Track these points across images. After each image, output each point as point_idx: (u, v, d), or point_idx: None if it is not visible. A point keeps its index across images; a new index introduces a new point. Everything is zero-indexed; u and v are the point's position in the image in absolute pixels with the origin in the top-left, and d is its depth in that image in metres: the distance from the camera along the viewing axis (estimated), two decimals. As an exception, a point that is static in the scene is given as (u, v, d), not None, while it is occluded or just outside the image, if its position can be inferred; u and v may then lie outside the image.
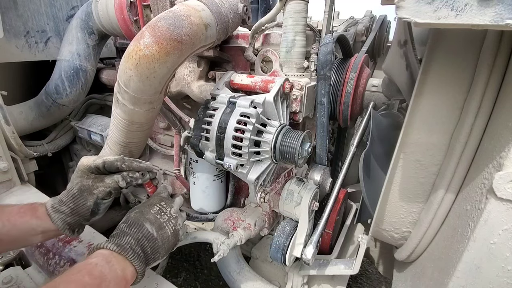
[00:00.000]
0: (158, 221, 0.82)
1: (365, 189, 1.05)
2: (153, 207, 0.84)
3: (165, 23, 0.80)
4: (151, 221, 0.80)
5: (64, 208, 0.81)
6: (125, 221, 0.80)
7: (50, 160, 1.89)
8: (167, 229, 0.83)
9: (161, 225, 0.82)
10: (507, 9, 0.45)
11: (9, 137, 1.32)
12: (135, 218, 0.80)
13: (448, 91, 0.81)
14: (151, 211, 0.83)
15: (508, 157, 0.60)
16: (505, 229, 0.63)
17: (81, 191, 0.83)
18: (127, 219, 0.81)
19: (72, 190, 0.84)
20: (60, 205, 0.82)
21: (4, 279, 0.99)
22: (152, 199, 0.88)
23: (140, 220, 0.80)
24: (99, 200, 0.85)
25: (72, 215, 0.82)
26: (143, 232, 0.78)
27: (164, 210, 0.85)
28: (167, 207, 0.86)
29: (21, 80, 1.73)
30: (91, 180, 0.85)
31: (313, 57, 1.06)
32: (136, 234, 0.77)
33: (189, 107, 1.48)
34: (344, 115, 1.22)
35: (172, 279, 2.03)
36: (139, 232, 0.77)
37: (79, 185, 0.84)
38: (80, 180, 0.85)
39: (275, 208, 1.11)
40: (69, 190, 0.84)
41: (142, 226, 0.78)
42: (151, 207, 0.84)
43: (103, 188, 0.85)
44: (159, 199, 0.88)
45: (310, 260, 0.97)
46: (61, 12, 1.66)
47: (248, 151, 0.87)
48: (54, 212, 0.80)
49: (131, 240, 0.75)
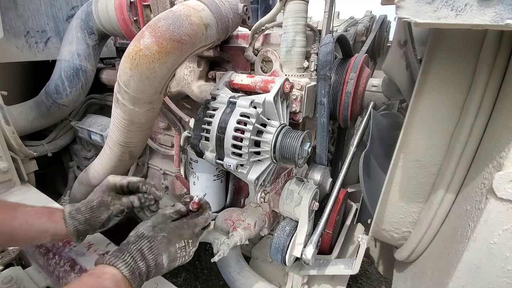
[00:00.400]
0: (175, 256, 0.80)
1: (365, 189, 1.05)
2: (181, 241, 0.81)
3: (165, 23, 0.80)
4: (170, 254, 0.79)
5: (79, 216, 0.86)
6: (150, 240, 0.77)
7: (50, 160, 1.89)
8: (177, 262, 0.82)
9: (175, 259, 0.80)
10: (507, 9, 0.45)
11: (9, 137, 1.32)
12: (159, 244, 0.78)
13: (448, 91, 0.81)
14: (177, 244, 0.80)
15: (508, 157, 0.60)
16: (505, 229, 0.63)
17: (100, 205, 0.89)
18: (152, 240, 0.77)
19: (92, 202, 0.89)
20: (77, 213, 0.86)
21: (4, 279, 0.99)
22: (185, 231, 0.84)
23: (162, 249, 0.77)
24: (112, 215, 0.90)
25: (84, 224, 0.86)
26: (158, 261, 0.77)
27: (187, 248, 0.83)
28: (191, 245, 0.84)
29: (21, 80, 1.73)
30: (110, 197, 0.91)
31: (313, 57, 1.06)
32: (151, 262, 0.75)
33: (189, 107, 1.48)
34: (344, 115, 1.22)
35: (172, 279, 2.03)
36: (154, 260, 0.76)
37: (99, 199, 0.89)
38: (102, 195, 0.91)
39: (275, 208, 1.11)
40: (89, 202, 0.89)
41: (160, 255, 0.77)
42: (179, 241, 0.81)
43: (119, 206, 0.91)
44: (190, 234, 0.84)
45: (310, 260, 0.97)
46: (61, 12, 1.66)
47: (248, 151, 0.87)
48: (70, 219, 0.85)
49: (143, 267, 0.73)
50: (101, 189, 0.92)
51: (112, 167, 1.23)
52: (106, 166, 1.25)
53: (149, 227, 0.81)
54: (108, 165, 1.23)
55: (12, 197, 1.29)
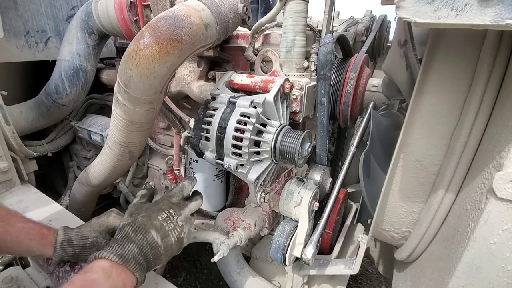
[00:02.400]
0: (164, 229, 0.80)
1: (365, 189, 1.05)
2: (161, 213, 0.82)
3: (165, 23, 0.80)
4: (157, 228, 0.79)
5: (70, 250, 0.85)
6: (131, 224, 0.78)
7: (50, 160, 1.89)
8: (172, 237, 0.81)
9: (166, 233, 0.80)
10: (507, 9, 0.45)
11: (9, 137, 1.32)
12: (142, 223, 0.78)
13: (448, 91, 0.80)
14: (159, 217, 0.81)
15: (508, 157, 0.60)
16: (505, 229, 0.63)
17: (92, 245, 0.86)
18: (134, 223, 0.78)
19: (86, 239, 0.87)
20: (68, 245, 0.85)
21: (4, 279, 0.99)
22: (162, 204, 0.86)
23: (146, 226, 0.78)
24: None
25: (72, 257, 0.86)
26: (148, 239, 0.76)
27: (171, 218, 0.83)
28: (174, 215, 0.84)
29: (21, 80, 1.73)
30: (105, 240, 0.88)
31: (313, 57, 1.06)
32: (141, 241, 0.75)
33: (189, 107, 1.48)
34: (344, 115, 1.22)
35: (172, 279, 2.03)
36: (144, 239, 0.76)
37: (94, 240, 0.87)
38: (98, 235, 0.88)
39: (275, 208, 1.11)
40: (84, 237, 0.87)
41: (148, 232, 0.77)
42: (159, 213, 0.82)
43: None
44: (169, 204, 0.86)
45: (310, 260, 0.97)
46: (61, 12, 1.66)
47: (248, 151, 0.87)
48: (60, 249, 0.84)
49: (134, 248, 0.73)
50: (100, 228, 0.89)
51: (112, 167, 1.23)
52: (106, 166, 1.25)
53: (126, 217, 0.82)
54: (108, 165, 1.23)
55: (12, 197, 1.29)
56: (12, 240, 0.79)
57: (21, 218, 0.85)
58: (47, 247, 0.83)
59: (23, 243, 0.81)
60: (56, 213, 1.19)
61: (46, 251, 0.83)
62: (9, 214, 0.83)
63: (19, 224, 0.82)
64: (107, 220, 0.90)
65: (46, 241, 0.84)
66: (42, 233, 0.85)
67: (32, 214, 1.13)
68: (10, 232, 0.79)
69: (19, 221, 0.83)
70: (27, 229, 0.83)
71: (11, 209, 0.86)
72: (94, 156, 1.85)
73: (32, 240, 0.82)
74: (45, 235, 0.85)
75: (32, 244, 0.82)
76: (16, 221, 0.83)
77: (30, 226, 0.84)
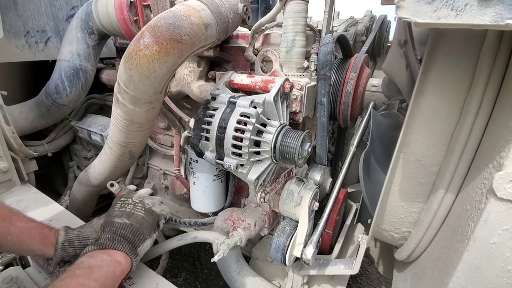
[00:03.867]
0: (125, 212, 0.89)
1: (365, 189, 1.05)
2: (115, 206, 0.92)
3: (165, 23, 0.80)
4: (118, 215, 0.87)
5: (71, 250, 0.86)
6: (101, 228, 0.87)
7: (50, 160, 1.89)
8: (137, 213, 0.89)
9: (129, 213, 0.88)
10: (507, 9, 0.45)
11: (9, 137, 1.32)
12: (105, 221, 0.87)
13: (448, 91, 0.80)
14: (115, 209, 0.90)
15: (508, 157, 0.60)
16: (505, 229, 0.63)
17: None
18: (101, 226, 0.88)
19: (87, 239, 0.89)
20: (69, 245, 0.86)
21: (4, 279, 0.99)
22: (112, 203, 0.95)
23: (109, 220, 0.87)
24: None
25: (73, 257, 0.87)
26: (115, 226, 0.84)
27: (125, 202, 0.92)
28: (127, 199, 0.94)
29: (21, 80, 1.73)
30: None
31: (313, 57, 1.06)
32: (110, 230, 0.83)
33: (189, 107, 1.48)
34: (344, 115, 1.22)
35: (172, 279, 2.02)
36: (112, 228, 0.84)
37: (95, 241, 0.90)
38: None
39: (275, 208, 1.11)
40: (85, 238, 0.89)
41: (112, 223, 0.85)
42: (114, 207, 0.92)
43: None
44: (118, 199, 0.96)
45: (310, 260, 0.97)
46: (61, 12, 1.66)
47: (248, 151, 0.87)
48: (61, 250, 0.85)
49: (106, 235, 0.81)
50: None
51: (112, 167, 1.23)
52: (106, 166, 1.25)
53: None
54: (108, 165, 1.23)
55: (12, 197, 1.29)
56: (13, 239, 0.79)
57: (23, 217, 0.85)
58: (48, 247, 0.84)
59: (25, 243, 0.81)
60: (56, 213, 1.19)
61: (47, 251, 0.84)
62: (11, 214, 0.84)
63: (20, 223, 0.83)
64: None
65: (47, 241, 0.84)
66: (44, 233, 0.85)
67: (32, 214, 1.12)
68: (11, 231, 0.79)
69: (21, 221, 0.84)
70: (29, 228, 0.83)
71: (13, 208, 0.86)
72: (94, 156, 1.85)
73: (33, 240, 0.82)
74: (47, 235, 0.85)
75: (33, 244, 0.82)
76: (18, 220, 0.83)
77: (32, 225, 0.85)
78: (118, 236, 0.82)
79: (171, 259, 2.19)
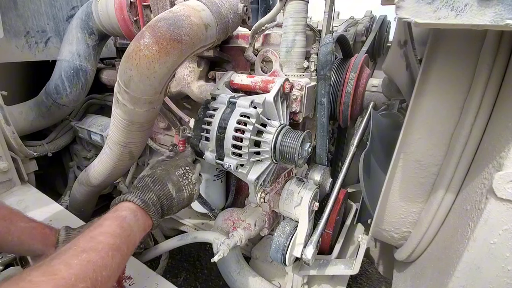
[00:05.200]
0: (179, 184, 0.89)
1: (365, 189, 1.05)
2: (179, 169, 0.91)
3: (165, 23, 0.80)
4: (173, 182, 0.87)
5: None
6: (151, 176, 0.86)
7: (50, 160, 1.89)
8: (185, 192, 0.90)
9: (180, 188, 0.89)
10: (507, 9, 0.45)
11: (9, 137, 1.32)
12: (161, 176, 0.86)
13: (448, 91, 0.80)
14: (176, 172, 0.90)
15: (508, 157, 0.60)
16: (505, 229, 0.63)
17: None
18: (153, 174, 0.86)
19: None
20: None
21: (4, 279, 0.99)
22: (180, 161, 0.95)
23: (164, 179, 0.86)
24: None
25: None
26: (165, 191, 0.85)
27: (187, 175, 0.92)
28: (190, 172, 0.93)
29: (21, 80, 1.73)
30: None
31: (313, 57, 1.06)
32: (159, 191, 0.83)
33: (189, 107, 1.48)
34: (344, 115, 1.22)
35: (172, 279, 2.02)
36: (161, 190, 0.84)
37: None
38: None
39: (275, 208, 1.11)
40: None
41: (165, 185, 0.85)
42: (177, 169, 0.91)
43: None
44: (185, 162, 0.95)
45: (310, 260, 0.97)
46: (61, 12, 1.66)
47: (248, 151, 0.87)
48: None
49: (153, 197, 0.81)
50: None
51: (112, 167, 1.23)
52: (106, 166, 1.25)
53: (147, 169, 0.90)
54: (108, 165, 1.23)
55: (12, 197, 1.29)
56: (14, 239, 0.79)
57: (23, 217, 0.85)
58: (49, 247, 0.83)
59: (25, 243, 0.81)
60: (56, 213, 1.19)
61: (47, 251, 0.83)
62: (11, 214, 0.83)
63: (21, 223, 0.82)
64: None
65: (48, 241, 0.84)
66: (44, 233, 0.85)
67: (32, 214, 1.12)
68: (12, 231, 0.79)
69: (22, 221, 0.83)
70: (29, 228, 0.83)
71: (13, 208, 0.86)
72: (94, 156, 1.85)
73: (34, 240, 0.82)
74: (47, 235, 0.85)
75: (34, 244, 0.82)
76: (18, 220, 0.83)
77: (33, 225, 0.84)
78: (159, 205, 0.82)
79: (171, 259, 2.19)
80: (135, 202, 0.77)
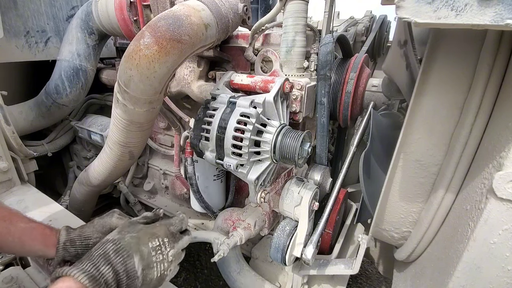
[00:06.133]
0: (150, 259, 0.72)
1: (365, 189, 1.05)
2: (154, 240, 0.75)
3: (165, 23, 0.80)
4: (142, 256, 0.71)
5: (72, 250, 0.83)
6: (115, 242, 0.70)
7: (50, 160, 1.89)
8: (155, 270, 0.73)
9: (150, 264, 0.72)
10: (507, 9, 0.45)
11: (9, 137, 1.32)
12: (128, 244, 0.70)
13: (448, 91, 0.80)
14: (150, 243, 0.73)
15: (508, 157, 0.60)
16: (505, 229, 0.63)
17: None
18: (118, 241, 0.71)
19: (89, 239, 0.85)
20: (71, 245, 0.83)
21: (4, 279, 0.99)
22: (159, 228, 0.79)
23: (132, 249, 0.70)
24: None
25: (74, 257, 0.84)
26: (128, 266, 0.68)
27: (162, 249, 0.75)
28: (168, 246, 0.77)
29: (21, 80, 1.73)
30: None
31: (313, 57, 1.06)
32: (119, 265, 0.67)
33: (189, 107, 1.48)
34: (344, 115, 1.22)
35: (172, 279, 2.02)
36: (123, 263, 0.68)
37: (97, 240, 0.84)
38: (101, 236, 0.85)
39: (275, 208, 1.11)
40: (86, 238, 0.85)
41: (130, 257, 0.69)
42: (152, 239, 0.74)
43: None
44: (166, 232, 0.78)
45: (310, 260, 0.97)
46: (61, 12, 1.66)
47: (248, 151, 0.87)
48: (62, 250, 0.82)
49: (109, 272, 0.65)
50: (103, 229, 0.86)
51: (112, 167, 1.23)
52: (106, 166, 1.25)
53: (115, 232, 0.75)
54: (108, 165, 1.23)
55: (12, 197, 1.29)
56: (14, 240, 0.78)
57: (23, 218, 0.84)
58: (50, 248, 0.82)
59: (26, 243, 0.80)
60: (56, 213, 1.19)
61: (48, 252, 0.82)
62: (11, 214, 0.82)
63: (21, 224, 0.81)
64: (110, 221, 0.89)
65: (48, 242, 0.83)
66: (45, 233, 0.84)
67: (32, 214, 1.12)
68: (12, 232, 0.78)
69: (22, 221, 0.82)
70: (30, 229, 0.82)
71: (13, 209, 0.85)
72: (94, 156, 1.85)
73: (34, 241, 0.81)
74: (48, 235, 0.83)
75: (35, 245, 0.81)
76: (18, 221, 0.82)
77: (33, 226, 0.83)
78: (114, 283, 0.66)
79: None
80: (80, 280, 0.59)
